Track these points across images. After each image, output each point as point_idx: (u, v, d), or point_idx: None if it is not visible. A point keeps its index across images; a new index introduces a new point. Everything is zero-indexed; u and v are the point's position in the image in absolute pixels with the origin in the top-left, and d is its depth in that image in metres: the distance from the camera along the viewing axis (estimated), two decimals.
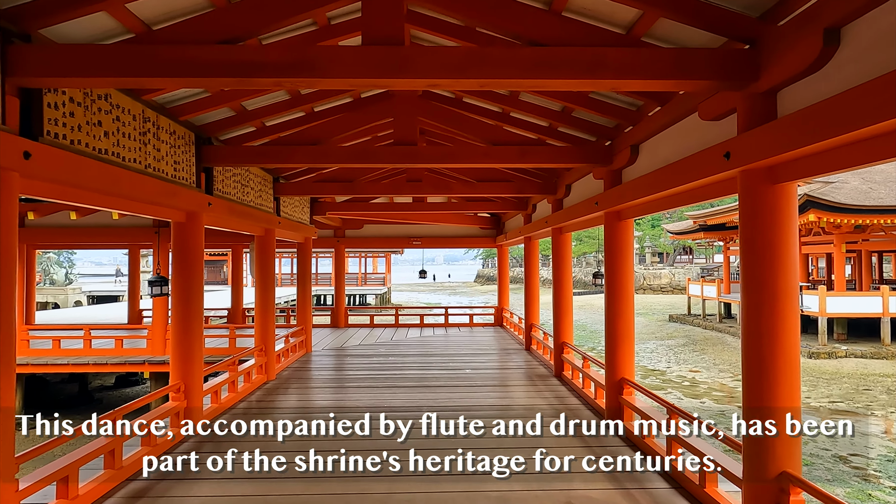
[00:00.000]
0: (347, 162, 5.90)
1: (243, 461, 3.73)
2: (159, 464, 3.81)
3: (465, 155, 5.93)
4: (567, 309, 8.76)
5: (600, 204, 6.15)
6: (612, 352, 6.07)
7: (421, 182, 8.77)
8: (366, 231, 16.06)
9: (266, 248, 8.65)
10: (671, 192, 4.66)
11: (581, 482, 4.65)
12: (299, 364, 10.10)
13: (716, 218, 27.12)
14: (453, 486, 4.52)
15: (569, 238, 8.85)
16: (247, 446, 3.85)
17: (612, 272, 6.06)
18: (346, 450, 3.93)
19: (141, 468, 4.51)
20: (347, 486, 4.51)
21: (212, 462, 3.76)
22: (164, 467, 3.81)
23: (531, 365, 9.83)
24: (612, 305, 6.07)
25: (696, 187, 4.28)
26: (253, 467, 3.74)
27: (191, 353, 5.83)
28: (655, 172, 4.73)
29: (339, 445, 4.03)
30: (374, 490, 4.45)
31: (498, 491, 4.47)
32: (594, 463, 3.92)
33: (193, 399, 5.86)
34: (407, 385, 8.26)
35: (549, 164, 6.05)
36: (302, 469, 3.83)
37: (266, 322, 8.64)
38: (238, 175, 7.04)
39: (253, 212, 7.60)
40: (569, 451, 5.67)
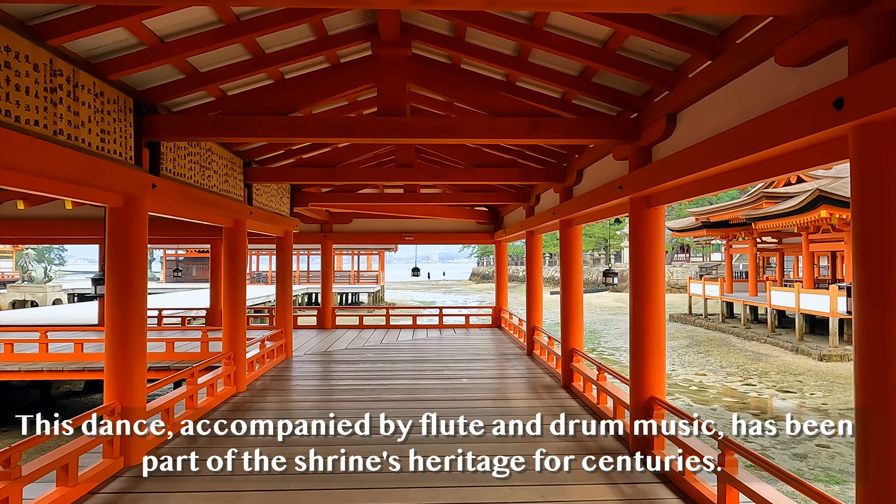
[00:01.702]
0: (322, 135, 4.87)
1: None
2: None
3: (463, 127, 4.91)
4: (577, 311, 7.75)
5: (625, 188, 5.14)
6: (640, 365, 5.05)
7: (412, 168, 7.73)
8: (355, 226, 15.01)
9: (235, 241, 7.59)
10: (734, 166, 3.67)
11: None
12: (277, 372, 9.04)
13: (719, 215, 26.21)
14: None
15: (579, 231, 7.83)
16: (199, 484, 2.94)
17: (641, 269, 5.06)
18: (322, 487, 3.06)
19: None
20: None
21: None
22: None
23: (535, 373, 8.82)
24: (639, 309, 5.06)
25: (777, 154, 3.23)
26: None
27: (129, 367, 4.79)
28: (706, 143, 3.73)
29: (313, 483, 3.33)
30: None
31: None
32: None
33: (133, 423, 4.80)
34: (396, 398, 7.22)
35: (565, 139, 5.04)
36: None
37: (235, 325, 7.59)
38: (196, 155, 5.98)
39: (217, 199, 6.54)
40: (592, 489, 4.70)
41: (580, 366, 7.53)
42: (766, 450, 10.88)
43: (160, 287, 42.29)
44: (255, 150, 7.68)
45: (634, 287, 5.11)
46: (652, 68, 4.43)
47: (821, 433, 3.84)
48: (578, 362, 7.60)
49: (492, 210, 14.39)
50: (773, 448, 10.99)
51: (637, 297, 5.07)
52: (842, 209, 19.12)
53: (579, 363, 7.59)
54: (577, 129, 5.03)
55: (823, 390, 15.86)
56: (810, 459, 10.36)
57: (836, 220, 19.86)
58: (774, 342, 22.14)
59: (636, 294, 5.09)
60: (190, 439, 5.57)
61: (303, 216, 14.32)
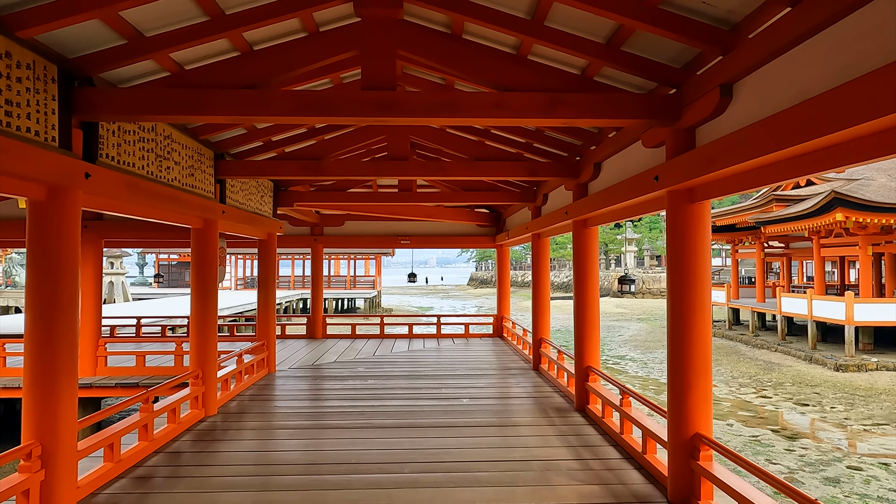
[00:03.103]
0: (295, 113, 3.96)
1: None
2: None
3: (465, 104, 4.00)
4: (593, 323, 6.85)
5: (662, 179, 4.25)
6: (682, 393, 4.14)
7: (407, 161, 6.84)
8: (347, 229, 14.11)
9: (205, 244, 6.67)
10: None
11: None
12: (255, 390, 8.11)
13: (726, 218, 25.36)
14: None
15: (595, 233, 6.93)
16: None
17: (682, 277, 4.17)
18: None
19: None
20: None
21: None
22: None
23: (544, 392, 7.90)
24: (681, 325, 4.17)
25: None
26: None
27: (53, 398, 3.86)
28: (780, 116, 3.00)
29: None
30: None
31: None
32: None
33: (59, 467, 3.88)
34: (389, 424, 6.31)
35: (589, 119, 4.13)
36: None
37: (205, 340, 6.66)
38: (150, 142, 5.07)
39: (179, 195, 5.63)
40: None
41: (597, 386, 6.62)
42: (794, 472, 9.97)
43: (151, 293, 41.32)
44: (229, 141, 6.78)
45: (674, 298, 4.20)
46: (703, 27, 3.54)
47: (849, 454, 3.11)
48: (595, 382, 6.69)
49: (493, 212, 13.50)
50: (801, 471, 10.09)
51: (677, 310, 4.17)
52: (858, 212, 18.28)
53: (596, 383, 6.68)
54: (605, 108, 4.14)
55: (844, 403, 14.97)
56: (844, 485, 9.45)
57: (852, 223, 19.01)
58: (786, 351, 21.25)
59: (675, 307, 4.19)
60: (139, 482, 4.65)
61: (291, 218, 13.43)
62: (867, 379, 17.10)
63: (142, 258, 51.75)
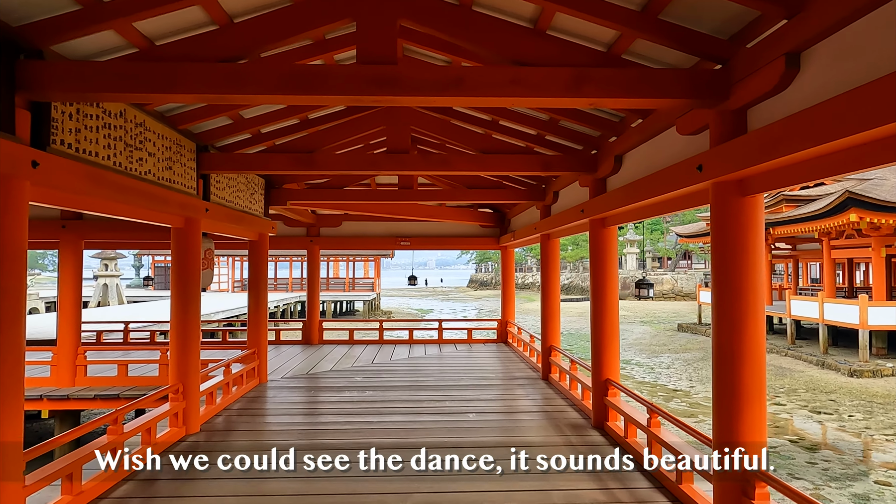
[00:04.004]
0: (279, 90, 3.37)
1: None
2: None
3: (476, 80, 3.41)
4: (612, 332, 6.25)
5: (707, 168, 3.65)
6: (728, 414, 3.55)
7: (408, 155, 6.25)
8: (345, 230, 13.50)
9: (187, 244, 6.07)
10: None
11: None
12: (244, 404, 7.50)
13: None
14: None
15: (614, 234, 6.34)
16: None
17: (731, 281, 3.58)
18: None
19: None
20: None
21: None
22: None
23: (556, 405, 7.29)
24: (729, 337, 3.59)
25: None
26: None
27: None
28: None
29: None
30: None
31: None
32: None
33: None
34: (388, 443, 5.71)
35: (624, 98, 3.54)
36: None
37: (186, 350, 6.05)
38: (117, 129, 4.47)
39: (154, 190, 5.03)
40: None
41: (617, 401, 6.02)
42: (820, 489, 9.37)
43: (147, 295, 40.67)
44: (213, 132, 6.18)
45: (721, 307, 3.61)
46: None
47: None
48: (615, 396, 6.09)
49: (497, 212, 12.91)
50: (827, 486, 9.49)
51: (726, 321, 3.57)
52: (873, 212, 17.70)
53: (616, 398, 6.08)
54: (640, 86, 3.54)
55: (862, 411, 14.37)
56: (874, 502, 8.86)
57: (865, 224, 18.44)
58: (796, 355, 20.66)
59: (723, 317, 3.59)
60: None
61: (286, 218, 12.83)
62: (884, 385, 16.51)
63: (138, 260, 51.06)
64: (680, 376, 19.31)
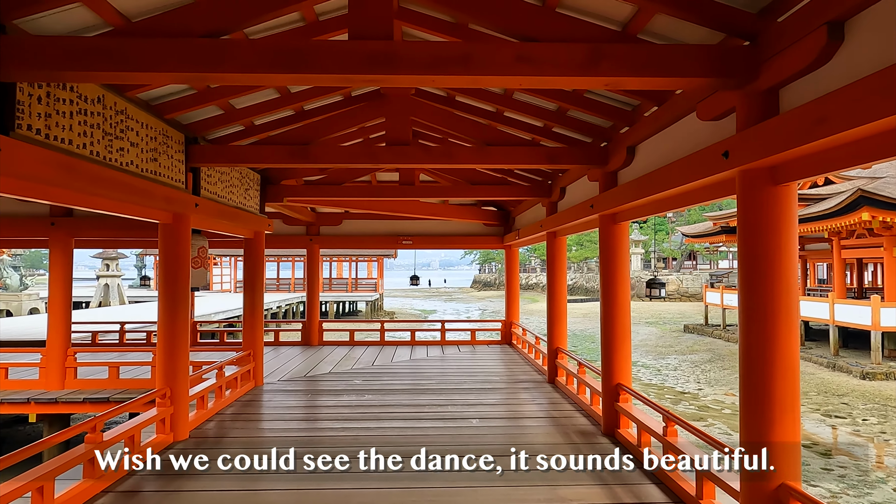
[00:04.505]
0: (263, 69, 3.06)
1: None
2: None
3: (481, 58, 3.08)
4: (623, 333, 5.92)
5: (735, 155, 3.31)
6: (760, 426, 3.22)
7: (408, 147, 5.93)
8: (345, 228, 13.19)
9: (175, 241, 5.76)
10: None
11: None
12: (238, 408, 7.19)
13: None
14: None
15: (625, 230, 6.00)
16: None
17: (764, 278, 3.25)
18: None
19: None
20: None
21: None
22: None
23: (563, 411, 6.96)
24: (760, 340, 3.26)
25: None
26: None
27: None
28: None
29: None
30: None
31: None
32: None
33: None
34: (386, 450, 5.37)
35: (646, 78, 3.22)
36: None
37: (174, 352, 5.75)
38: (92, 115, 4.16)
39: (137, 183, 4.72)
40: None
41: (629, 407, 5.69)
42: (837, 497, 9.01)
43: (149, 295, 40.45)
44: (203, 123, 5.87)
45: (749, 309, 3.28)
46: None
47: None
48: (626, 402, 5.76)
49: (501, 210, 12.58)
50: (844, 494, 9.13)
51: (756, 324, 3.24)
52: (886, 211, 17.29)
53: (627, 403, 5.75)
54: (662, 63, 3.21)
55: (877, 415, 13.97)
56: None
57: (878, 223, 18.03)
58: (806, 357, 20.25)
59: (752, 320, 3.26)
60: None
61: (285, 217, 12.53)
62: None
63: (140, 260, 50.82)
64: (687, 378, 18.93)
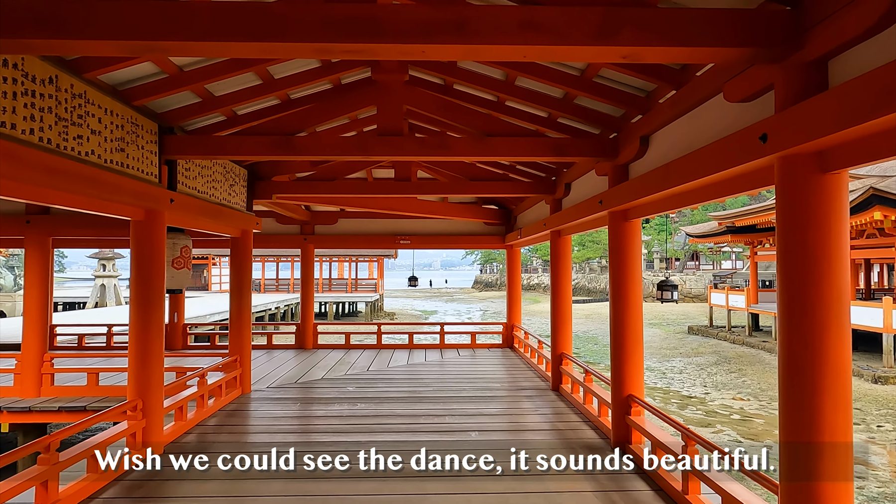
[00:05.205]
0: (219, 36, 2.61)
1: None
2: None
3: (482, 23, 2.64)
4: (635, 339, 5.45)
5: (775, 138, 2.85)
6: (807, 453, 2.75)
7: (402, 137, 5.47)
8: (341, 227, 12.73)
9: (149, 240, 5.31)
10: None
11: None
12: (220, 419, 6.73)
13: (748, 218, 23.89)
14: None
15: (638, 228, 5.54)
16: None
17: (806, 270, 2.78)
18: None
19: None
20: None
21: None
22: None
23: (569, 422, 6.50)
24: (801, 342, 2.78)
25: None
26: None
27: None
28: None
29: None
30: None
31: None
32: None
33: None
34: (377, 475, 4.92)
35: (672, 48, 2.75)
36: None
37: (147, 360, 5.29)
38: (43, 96, 3.70)
39: (99, 175, 4.27)
40: None
41: (641, 420, 5.22)
42: None
43: None
44: (179, 112, 5.41)
45: (792, 308, 2.81)
46: None
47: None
48: (639, 416, 5.29)
49: (503, 208, 12.12)
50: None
51: (798, 325, 2.78)
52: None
53: (640, 417, 5.28)
54: (689, 30, 2.75)
55: (891, 421, 13.49)
56: None
57: (889, 223, 17.56)
58: None
59: (794, 322, 2.80)
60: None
61: (278, 216, 12.08)
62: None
63: None
64: (693, 382, 18.46)
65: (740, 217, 24.25)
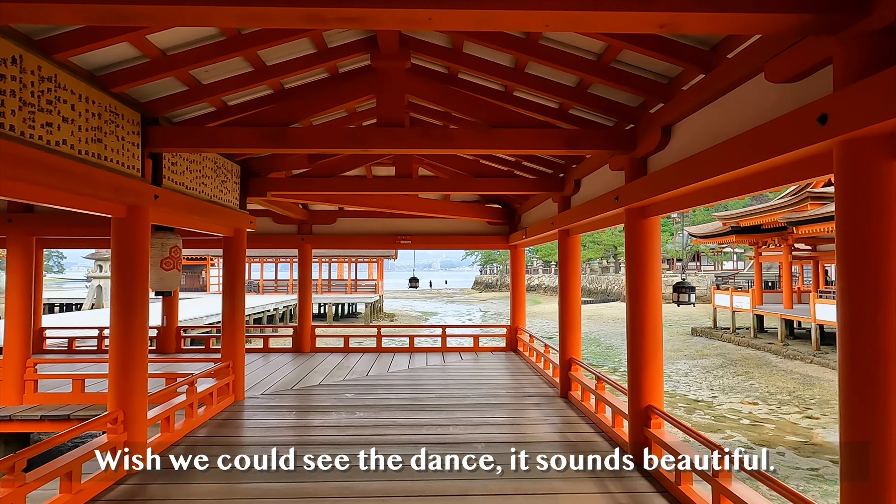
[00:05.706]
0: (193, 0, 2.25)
1: None
2: None
3: None
4: (655, 345, 5.08)
5: (835, 118, 2.47)
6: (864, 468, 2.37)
7: (402, 128, 5.10)
8: (339, 227, 12.35)
9: (131, 237, 4.92)
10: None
11: None
12: (211, 429, 6.34)
13: (752, 219, 23.52)
14: None
15: (656, 226, 5.16)
16: None
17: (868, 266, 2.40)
18: None
19: None
20: None
21: None
22: None
23: (580, 433, 6.11)
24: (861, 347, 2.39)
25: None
26: None
27: None
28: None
29: None
30: None
31: None
32: None
33: None
34: (376, 489, 4.56)
35: (720, 14, 2.37)
36: None
37: (129, 368, 4.90)
38: (12, 77, 3.33)
39: (73, 167, 3.89)
40: None
41: (661, 433, 4.84)
42: None
43: None
44: (164, 101, 5.03)
45: (855, 308, 2.44)
46: None
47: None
48: (659, 428, 4.91)
49: (506, 207, 11.74)
50: None
51: (862, 329, 2.41)
52: None
53: (660, 429, 4.90)
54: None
55: None
56: None
57: None
58: (823, 362, 19.40)
59: (857, 327, 2.42)
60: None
61: (275, 215, 11.72)
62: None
63: None
64: (700, 385, 18.09)
65: (745, 217, 23.88)
